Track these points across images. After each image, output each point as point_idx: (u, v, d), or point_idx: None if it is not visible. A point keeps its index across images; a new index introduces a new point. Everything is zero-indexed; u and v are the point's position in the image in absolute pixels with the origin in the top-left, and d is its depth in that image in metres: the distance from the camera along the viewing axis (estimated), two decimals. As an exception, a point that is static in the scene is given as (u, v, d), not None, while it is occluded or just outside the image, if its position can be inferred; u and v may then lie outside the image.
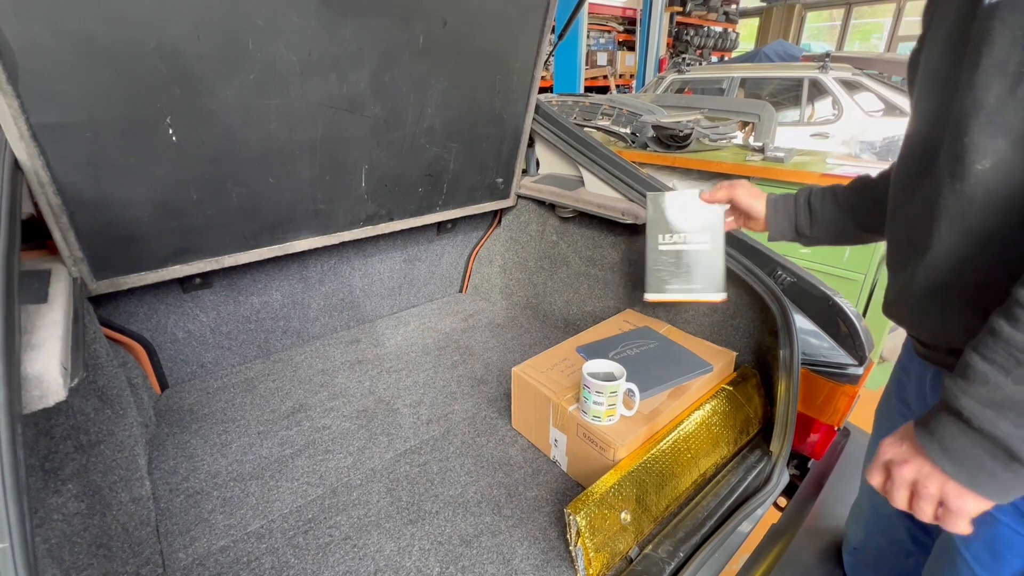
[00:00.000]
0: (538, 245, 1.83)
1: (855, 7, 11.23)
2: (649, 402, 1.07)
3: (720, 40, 9.90)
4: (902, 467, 0.55)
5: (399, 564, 0.92)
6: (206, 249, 1.22)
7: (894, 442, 0.58)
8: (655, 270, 1.04)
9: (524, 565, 0.91)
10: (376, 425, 1.28)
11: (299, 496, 1.07)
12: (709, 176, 2.87)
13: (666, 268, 1.02)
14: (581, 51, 6.76)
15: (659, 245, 1.03)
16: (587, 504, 0.86)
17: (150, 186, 1.05)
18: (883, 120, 4.02)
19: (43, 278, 0.90)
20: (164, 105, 0.98)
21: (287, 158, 1.20)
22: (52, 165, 0.91)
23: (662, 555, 0.90)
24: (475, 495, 1.07)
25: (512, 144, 1.67)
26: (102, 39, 0.86)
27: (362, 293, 1.76)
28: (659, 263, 1.03)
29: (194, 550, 0.95)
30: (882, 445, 0.59)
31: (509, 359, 1.57)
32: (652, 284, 1.04)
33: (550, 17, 1.44)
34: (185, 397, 1.37)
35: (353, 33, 1.12)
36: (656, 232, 1.03)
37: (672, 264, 1.02)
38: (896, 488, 0.56)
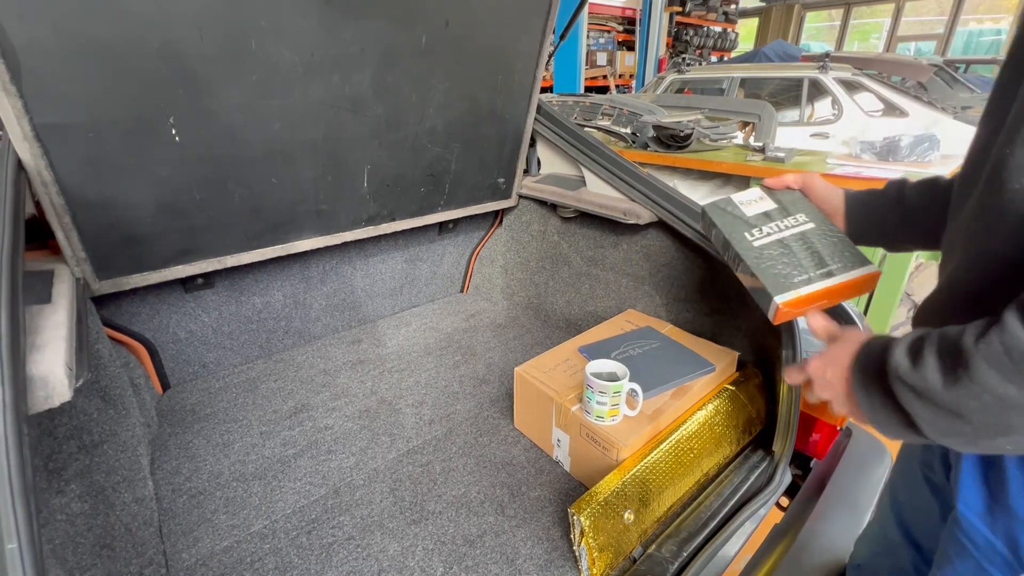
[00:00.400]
0: (540, 245, 1.83)
1: (854, 7, 11.24)
2: (652, 402, 1.07)
3: (719, 40, 9.91)
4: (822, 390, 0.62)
5: (403, 564, 0.92)
6: (208, 249, 1.22)
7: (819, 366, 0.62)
8: (766, 268, 0.76)
9: (528, 565, 0.92)
10: (378, 425, 1.28)
11: (302, 496, 1.07)
12: (710, 176, 2.87)
13: (780, 261, 0.76)
14: (581, 51, 6.77)
15: (753, 243, 0.80)
16: (590, 504, 0.86)
17: (153, 186, 1.05)
18: (883, 120, 4.02)
19: (46, 278, 0.90)
20: (167, 105, 0.98)
21: (289, 158, 1.20)
22: (55, 165, 0.91)
23: (665, 555, 0.90)
24: (478, 495, 1.07)
25: (514, 144, 1.67)
26: (105, 40, 0.87)
27: (364, 293, 1.76)
28: (766, 259, 0.77)
29: (197, 550, 0.95)
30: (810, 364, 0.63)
31: (511, 359, 1.57)
32: (774, 284, 0.74)
33: (551, 18, 1.44)
34: (187, 397, 1.37)
35: (355, 34, 1.12)
36: (739, 232, 0.82)
37: (784, 254, 0.77)
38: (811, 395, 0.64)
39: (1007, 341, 0.42)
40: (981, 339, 0.44)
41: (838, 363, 0.59)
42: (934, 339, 0.49)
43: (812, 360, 0.62)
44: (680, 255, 1.40)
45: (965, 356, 0.45)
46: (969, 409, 0.45)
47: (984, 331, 0.44)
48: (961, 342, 0.46)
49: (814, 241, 0.77)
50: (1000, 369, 0.43)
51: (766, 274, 0.75)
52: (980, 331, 0.45)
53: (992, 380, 0.43)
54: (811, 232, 0.78)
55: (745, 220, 0.84)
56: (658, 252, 1.46)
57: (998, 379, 0.43)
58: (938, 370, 0.47)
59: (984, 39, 10.00)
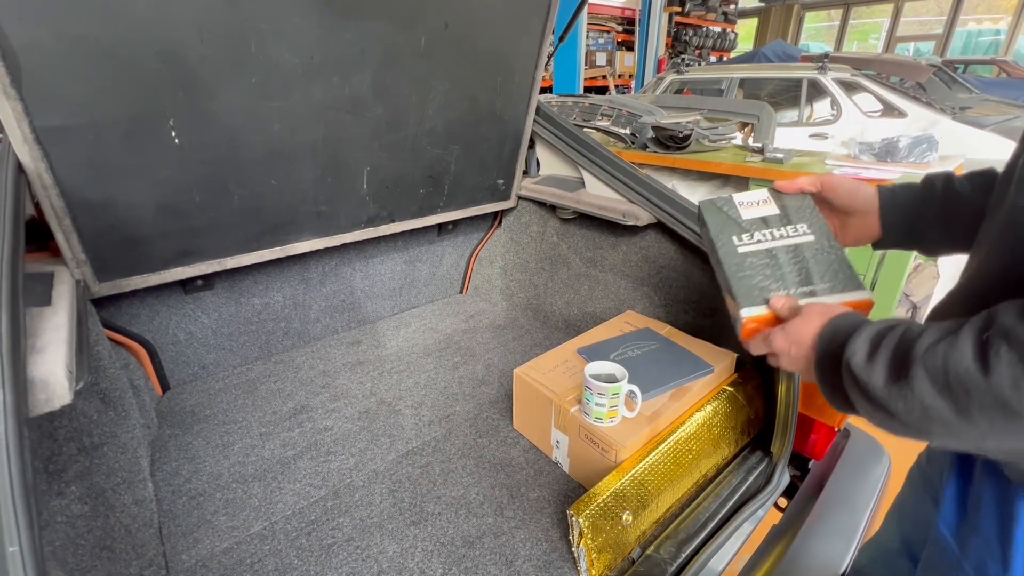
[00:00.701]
0: (539, 246, 1.83)
1: (853, 7, 11.25)
2: (650, 403, 1.07)
3: (719, 40, 9.92)
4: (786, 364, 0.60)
5: (402, 565, 0.92)
6: (208, 251, 1.22)
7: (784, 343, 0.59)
8: (743, 277, 0.68)
9: (527, 566, 0.92)
10: (378, 426, 1.28)
11: (302, 497, 1.07)
12: (709, 177, 2.88)
13: (761, 272, 0.67)
14: (580, 51, 6.77)
15: (738, 248, 0.70)
16: (589, 505, 0.86)
17: (153, 188, 1.05)
18: (882, 121, 4.03)
19: (46, 280, 0.90)
20: (167, 107, 0.98)
21: (289, 160, 1.21)
22: (55, 168, 0.92)
23: (664, 556, 0.90)
24: (477, 496, 1.07)
25: (513, 145, 1.67)
26: (105, 42, 0.87)
27: (363, 294, 1.76)
28: (746, 267, 0.68)
29: (197, 552, 0.95)
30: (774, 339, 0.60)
31: (510, 360, 1.57)
32: (746, 295, 0.66)
33: (551, 19, 1.44)
34: (187, 399, 1.38)
35: (355, 35, 1.12)
36: (728, 235, 0.72)
37: (768, 265, 0.68)
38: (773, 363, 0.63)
39: (950, 356, 0.42)
40: (930, 350, 0.44)
41: (801, 341, 0.57)
42: (895, 337, 0.48)
43: (776, 336, 0.60)
44: (679, 256, 1.41)
45: (910, 361, 0.45)
46: (897, 409, 0.46)
47: (938, 340, 0.44)
48: (913, 348, 0.45)
49: (807, 256, 0.67)
50: (934, 381, 0.43)
51: (740, 283, 0.67)
52: (935, 339, 0.45)
53: (924, 390, 0.43)
54: (807, 245, 0.68)
55: (738, 223, 0.73)
56: (657, 253, 1.47)
57: (929, 391, 0.43)
58: (885, 368, 0.47)
59: (983, 39, 10.02)
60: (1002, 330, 0.40)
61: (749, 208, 0.75)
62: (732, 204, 0.76)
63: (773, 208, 0.74)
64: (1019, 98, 5.40)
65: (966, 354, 0.41)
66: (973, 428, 0.43)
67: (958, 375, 0.41)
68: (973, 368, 0.41)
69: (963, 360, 0.41)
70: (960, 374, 0.41)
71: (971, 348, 0.41)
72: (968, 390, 0.41)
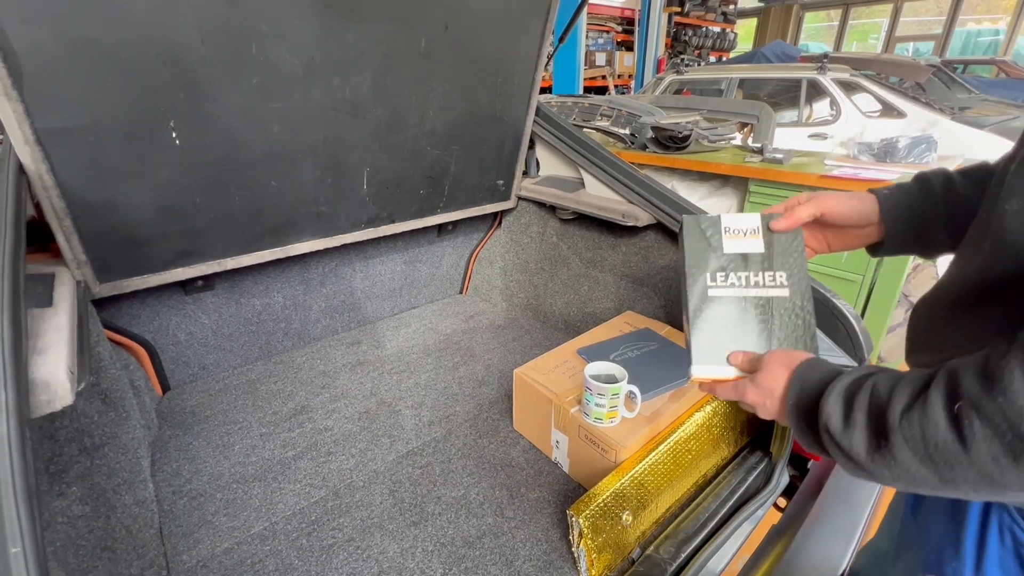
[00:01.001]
0: (538, 247, 1.83)
1: (853, 7, 11.25)
2: (650, 404, 1.07)
3: (718, 40, 9.92)
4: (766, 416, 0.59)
5: (402, 566, 0.93)
6: (208, 252, 1.22)
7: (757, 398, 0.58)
8: (704, 328, 0.64)
9: (527, 566, 0.92)
10: (378, 427, 1.29)
11: (302, 498, 1.07)
12: (709, 177, 2.88)
13: (724, 325, 0.64)
14: (580, 51, 6.77)
15: (708, 290, 0.65)
16: (589, 506, 0.86)
17: (153, 189, 1.06)
18: (881, 121, 4.03)
19: (47, 281, 0.90)
20: (168, 109, 0.99)
21: (289, 161, 1.21)
22: (56, 169, 0.92)
23: (664, 556, 0.90)
24: (477, 496, 1.07)
25: (513, 146, 1.67)
26: (106, 44, 0.87)
27: (363, 295, 1.77)
28: (711, 316, 0.64)
29: (198, 552, 0.95)
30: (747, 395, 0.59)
31: (510, 360, 1.58)
32: (701, 349, 0.63)
33: (551, 20, 1.45)
34: (187, 399, 1.38)
35: (355, 37, 1.12)
36: (701, 271, 0.66)
37: (733, 319, 0.64)
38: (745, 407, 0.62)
39: (926, 427, 0.42)
40: (905, 417, 0.44)
41: (773, 395, 0.57)
42: (866, 395, 0.48)
43: (748, 390, 0.59)
44: (678, 256, 1.41)
45: (888, 429, 0.45)
46: (881, 474, 0.47)
47: (910, 404, 0.44)
48: (888, 413, 0.45)
49: (776, 314, 0.64)
50: (915, 451, 0.43)
51: (699, 332, 0.64)
52: (907, 403, 0.44)
53: (906, 459, 0.44)
54: (779, 301, 0.64)
55: (716, 256, 0.67)
56: (656, 254, 1.47)
57: (912, 460, 0.44)
58: (864, 435, 0.47)
59: (982, 40, 10.02)
60: (971, 402, 0.40)
61: (734, 237, 0.67)
62: (718, 228, 0.68)
63: (759, 244, 0.66)
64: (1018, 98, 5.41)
65: (940, 426, 0.42)
66: (960, 492, 0.44)
67: (937, 447, 0.42)
68: (950, 440, 0.41)
69: (939, 432, 0.42)
70: (939, 446, 0.42)
71: (944, 419, 0.42)
72: (950, 463, 0.42)
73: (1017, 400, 0.38)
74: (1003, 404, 0.38)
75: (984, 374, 0.40)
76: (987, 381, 0.40)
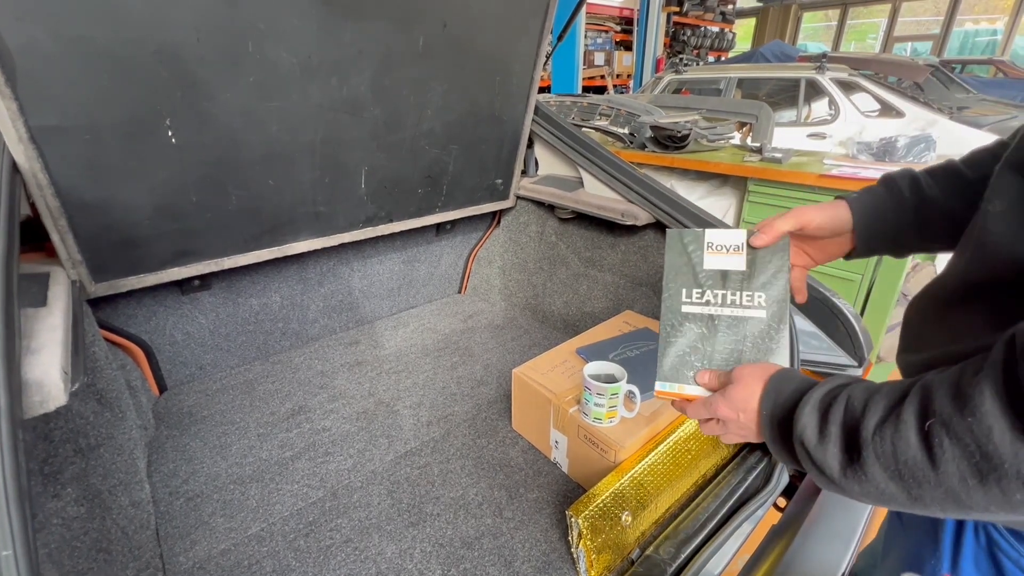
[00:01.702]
0: (537, 246, 1.83)
1: (851, 7, 11.26)
2: (649, 404, 1.07)
3: (717, 40, 9.92)
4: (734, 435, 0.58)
5: (400, 567, 0.92)
6: (205, 251, 1.22)
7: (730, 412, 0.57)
8: (673, 341, 0.64)
9: (526, 567, 0.92)
10: (376, 427, 1.28)
11: (299, 499, 1.06)
12: (707, 176, 2.88)
13: (692, 343, 0.64)
14: (579, 51, 6.77)
15: (683, 306, 0.65)
16: (588, 506, 0.86)
17: (150, 189, 1.05)
18: (879, 120, 4.04)
19: (42, 281, 0.89)
20: (164, 108, 0.98)
21: (287, 160, 1.20)
22: (51, 168, 0.91)
23: (663, 556, 0.90)
24: (476, 497, 1.07)
25: (511, 145, 1.67)
26: (102, 42, 0.86)
27: (361, 294, 1.76)
28: (680, 332, 0.64)
29: (194, 554, 0.94)
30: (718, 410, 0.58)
31: (509, 360, 1.57)
32: (669, 368, 0.64)
33: (549, 19, 1.44)
34: (184, 399, 1.37)
35: (353, 36, 1.12)
36: (678, 286, 0.66)
37: (703, 337, 0.64)
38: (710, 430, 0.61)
39: (897, 444, 0.42)
40: (878, 432, 0.44)
41: (747, 408, 0.56)
42: (840, 408, 0.47)
43: (718, 404, 0.58)
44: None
45: (860, 444, 0.44)
46: (852, 489, 0.47)
47: (884, 419, 0.44)
48: (860, 427, 0.45)
49: (747, 334, 0.62)
50: (885, 467, 0.43)
51: (667, 347, 0.64)
52: (881, 418, 0.44)
53: (877, 475, 0.44)
54: (754, 322, 0.63)
55: (695, 271, 0.66)
56: (655, 253, 1.46)
57: (882, 476, 0.43)
58: (837, 450, 0.46)
59: (980, 39, 10.04)
60: (942, 420, 0.40)
61: (716, 253, 0.66)
62: (700, 243, 0.66)
63: (741, 261, 0.64)
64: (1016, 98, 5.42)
65: (911, 443, 0.41)
66: (927, 510, 0.43)
67: (907, 464, 0.42)
68: (920, 458, 0.41)
69: (909, 449, 0.41)
70: (909, 463, 0.41)
71: (915, 436, 0.41)
72: (919, 480, 0.41)
73: (985, 420, 0.37)
74: (972, 424, 0.38)
75: (956, 392, 0.40)
76: (958, 400, 0.39)
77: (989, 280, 0.50)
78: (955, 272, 0.57)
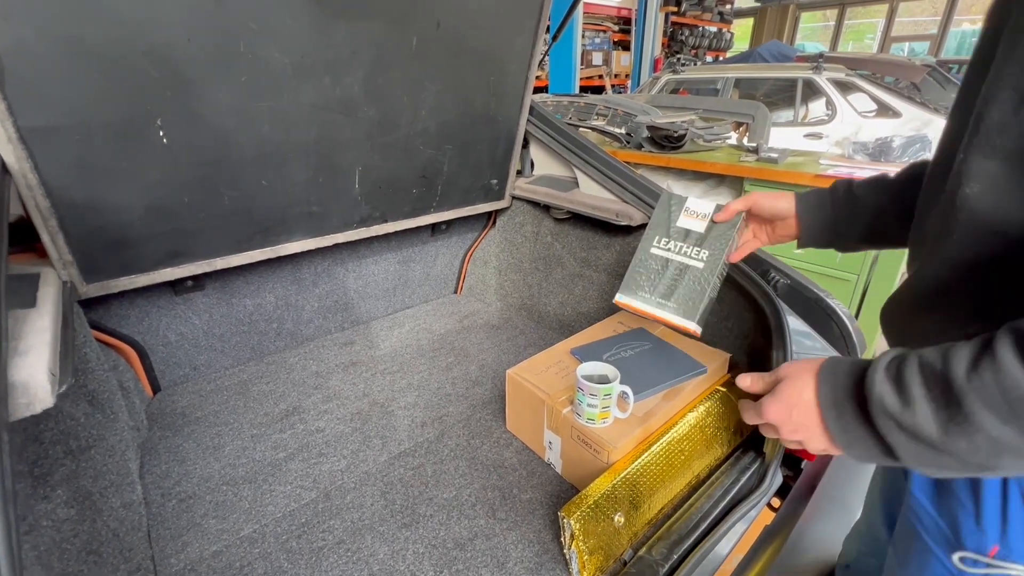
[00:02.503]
0: (533, 246, 1.83)
1: (848, 7, 11.28)
2: (643, 404, 1.07)
3: (715, 40, 9.93)
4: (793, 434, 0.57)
5: (393, 568, 0.92)
6: (198, 252, 1.21)
7: (782, 410, 0.57)
8: (636, 271, 0.89)
9: (518, 568, 0.91)
10: (370, 428, 1.28)
11: (292, 500, 1.06)
12: (704, 176, 2.88)
13: (647, 273, 0.88)
14: (577, 51, 6.76)
15: (652, 247, 0.89)
16: (581, 507, 0.86)
17: (141, 189, 1.04)
18: (876, 121, 4.04)
19: (32, 281, 0.89)
20: (155, 108, 0.97)
21: (280, 161, 1.20)
22: (41, 168, 0.91)
23: (656, 557, 0.90)
24: (469, 498, 1.07)
25: (507, 145, 1.67)
26: (91, 42, 0.86)
27: (356, 295, 1.76)
28: (644, 265, 0.89)
29: (186, 555, 0.94)
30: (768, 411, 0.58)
31: (504, 361, 1.57)
32: (626, 285, 0.90)
33: (544, 18, 1.44)
34: (177, 400, 1.37)
35: (346, 35, 1.11)
36: (655, 233, 0.90)
37: (656, 271, 0.88)
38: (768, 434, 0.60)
39: (1003, 382, 0.40)
40: (973, 374, 0.42)
41: (801, 402, 0.55)
42: (914, 368, 0.46)
43: (768, 406, 0.57)
44: None
45: (957, 394, 0.42)
46: (958, 448, 0.43)
47: (974, 363, 0.42)
48: (951, 376, 0.43)
49: (684, 279, 0.85)
50: (997, 411, 0.40)
51: (631, 273, 0.90)
52: (970, 363, 0.42)
53: (988, 423, 0.41)
54: (692, 270, 0.85)
55: (668, 227, 0.89)
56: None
57: (994, 422, 0.41)
58: (930, 409, 0.44)
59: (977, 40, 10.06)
60: None
61: (689, 217, 0.88)
62: (680, 206, 0.90)
63: (702, 226, 0.87)
64: (1012, 98, 5.41)
65: (1019, 377, 0.40)
66: None
67: (1020, 399, 0.40)
68: None
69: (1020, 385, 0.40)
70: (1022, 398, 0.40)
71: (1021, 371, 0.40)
72: None
73: None
74: None
75: None
76: None
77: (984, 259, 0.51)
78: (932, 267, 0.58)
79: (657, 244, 0.89)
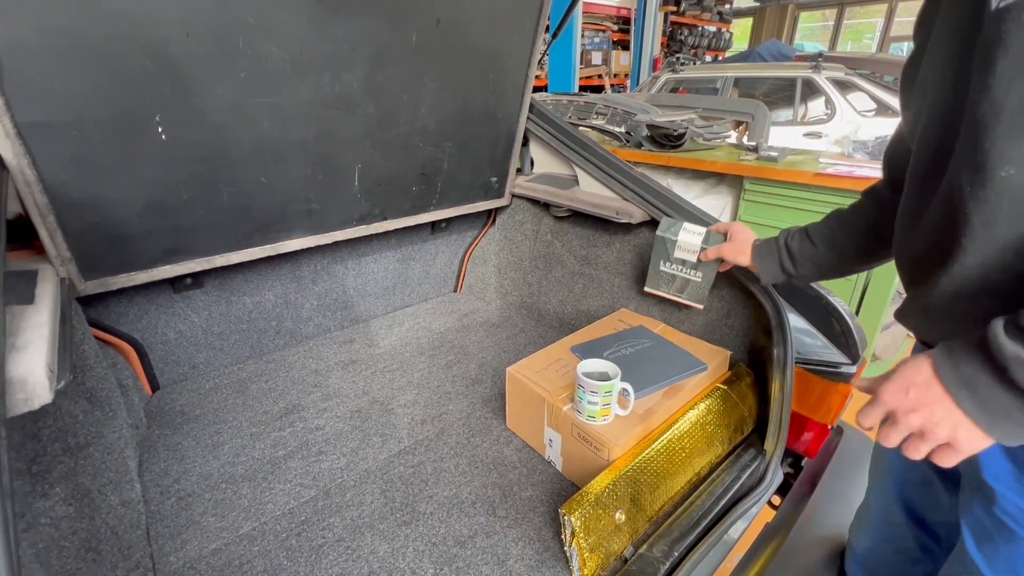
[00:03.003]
0: (533, 244, 1.82)
1: (848, 7, 11.29)
2: (643, 401, 1.07)
3: (714, 40, 9.93)
4: (910, 415, 0.54)
5: (393, 566, 0.91)
6: (197, 249, 1.21)
7: (897, 391, 0.56)
8: (654, 276, 1.32)
9: (519, 566, 0.91)
10: (370, 426, 1.27)
11: (292, 498, 1.06)
12: (703, 175, 2.88)
13: (664, 280, 1.31)
14: (576, 50, 6.76)
15: (660, 268, 1.29)
16: (582, 504, 0.85)
17: (139, 186, 1.04)
18: (875, 120, 4.05)
19: (30, 278, 0.88)
20: (153, 104, 0.97)
21: (279, 158, 1.19)
22: (38, 164, 0.90)
23: (657, 555, 0.89)
24: (469, 495, 1.06)
25: (506, 143, 1.66)
26: (89, 37, 0.85)
27: (356, 293, 1.75)
28: (659, 276, 1.31)
29: (185, 553, 0.94)
30: (882, 394, 0.57)
31: (504, 359, 1.57)
32: (650, 281, 1.34)
33: (543, 16, 1.44)
34: (177, 398, 1.36)
35: (345, 32, 1.11)
36: (659, 259, 1.29)
37: (668, 279, 1.30)
38: (897, 433, 0.56)
39: None
40: None
41: (918, 380, 0.54)
42: None
43: (882, 390, 0.56)
44: None
45: None
46: None
47: None
48: None
49: (689, 288, 1.27)
50: None
51: (651, 277, 1.34)
52: None
53: None
54: (693, 283, 1.26)
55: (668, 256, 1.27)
56: (650, 251, 1.46)
57: None
58: None
59: (976, 39, 10.06)
60: None
61: (681, 251, 1.23)
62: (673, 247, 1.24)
63: (694, 257, 1.22)
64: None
65: None
66: None
67: None
68: None
69: None
70: None
71: None
72: None
73: None
74: None
75: None
76: None
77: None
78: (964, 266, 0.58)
79: (663, 267, 1.29)
